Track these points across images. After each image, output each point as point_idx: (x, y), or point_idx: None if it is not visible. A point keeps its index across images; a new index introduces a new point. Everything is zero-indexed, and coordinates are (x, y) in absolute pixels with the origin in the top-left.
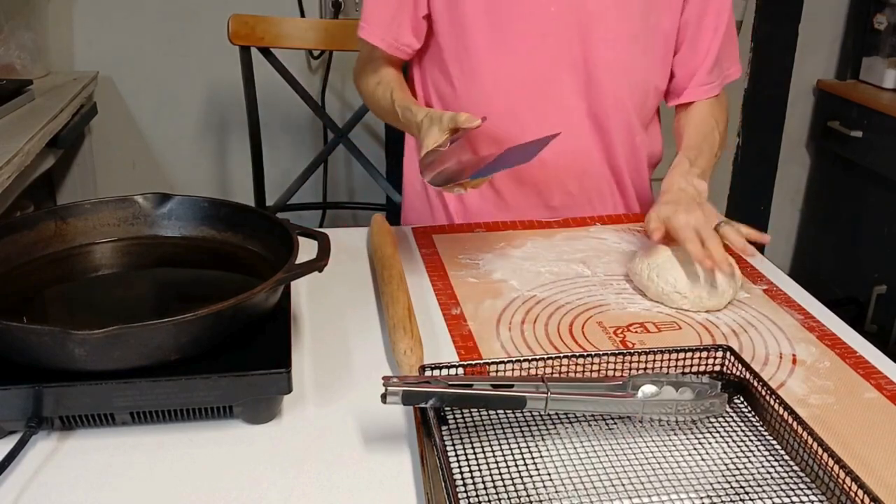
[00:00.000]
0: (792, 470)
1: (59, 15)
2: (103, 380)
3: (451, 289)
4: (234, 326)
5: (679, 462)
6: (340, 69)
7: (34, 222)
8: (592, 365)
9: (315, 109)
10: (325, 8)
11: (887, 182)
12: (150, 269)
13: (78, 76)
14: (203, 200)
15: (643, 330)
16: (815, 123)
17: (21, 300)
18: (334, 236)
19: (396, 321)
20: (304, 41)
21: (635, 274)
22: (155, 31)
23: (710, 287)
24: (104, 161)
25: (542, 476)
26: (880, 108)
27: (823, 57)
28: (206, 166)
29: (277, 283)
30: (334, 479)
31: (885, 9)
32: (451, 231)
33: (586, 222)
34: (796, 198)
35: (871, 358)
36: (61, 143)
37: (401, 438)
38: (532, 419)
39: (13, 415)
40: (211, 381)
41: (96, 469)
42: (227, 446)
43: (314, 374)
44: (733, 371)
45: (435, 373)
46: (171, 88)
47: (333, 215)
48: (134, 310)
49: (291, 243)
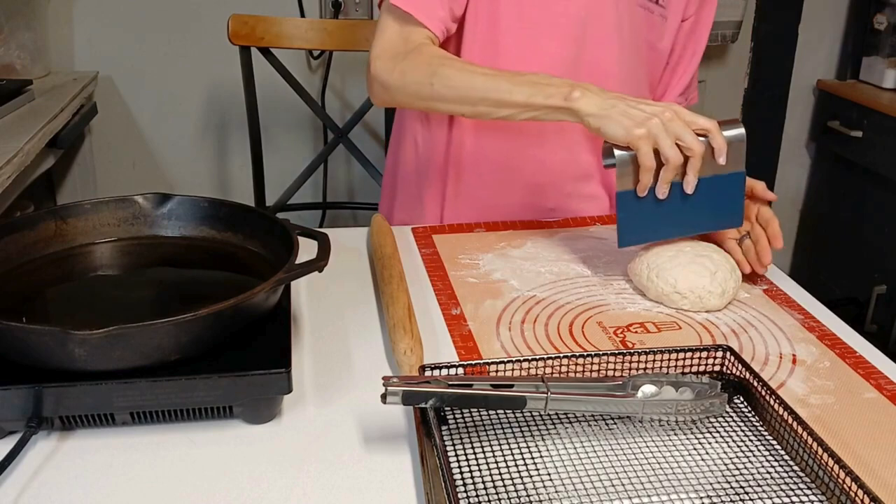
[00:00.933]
0: (792, 470)
1: (59, 15)
2: (103, 380)
3: (451, 289)
4: (234, 326)
5: (679, 462)
6: (340, 69)
7: (34, 222)
8: (592, 365)
9: (315, 109)
10: (325, 8)
11: (887, 182)
12: (150, 269)
13: (78, 76)
14: (203, 200)
15: (643, 330)
16: (815, 123)
17: (21, 300)
18: (334, 236)
19: (396, 321)
20: (304, 41)
21: (635, 274)
22: (155, 31)
23: (711, 287)
24: (104, 161)
25: (542, 476)
26: (880, 108)
27: (823, 57)
28: (206, 166)
29: (277, 283)
30: (334, 479)
31: (885, 9)
32: (451, 231)
33: (586, 222)
34: (796, 198)
35: (871, 358)
36: (61, 143)
37: (401, 438)
38: (532, 419)
39: (13, 415)
40: (211, 381)
41: (96, 469)
42: (227, 446)
43: (314, 374)
44: (733, 371)
45: (435, 373)
46: (171, 88)
47: (333, 215)
48: (134, 310)
49: (291, 243)
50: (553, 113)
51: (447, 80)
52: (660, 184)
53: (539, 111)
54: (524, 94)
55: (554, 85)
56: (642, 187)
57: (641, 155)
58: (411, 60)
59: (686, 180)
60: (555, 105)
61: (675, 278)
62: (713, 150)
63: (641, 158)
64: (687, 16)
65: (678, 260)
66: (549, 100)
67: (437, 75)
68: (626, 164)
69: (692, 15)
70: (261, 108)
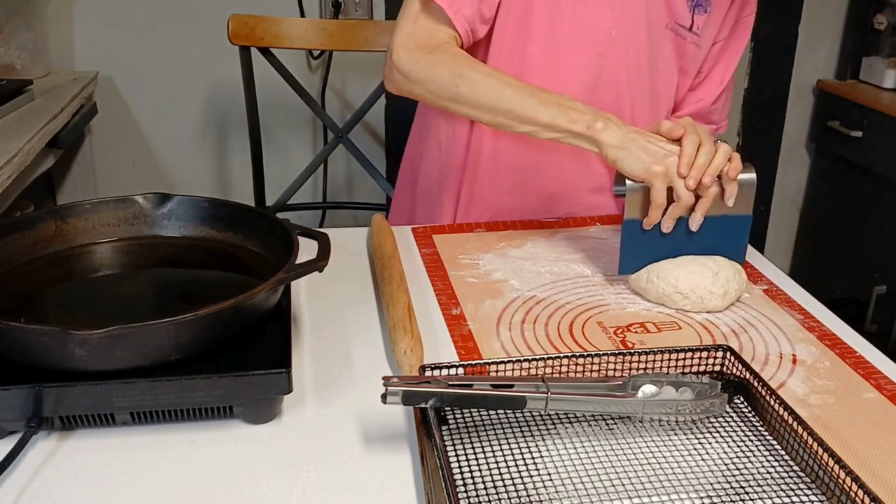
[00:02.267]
0: (792, 470)
1: (59, 15)
2: (103, 380)
3: (451, 289)
4: (234, 326)
5: (679, 462)
6: (340, 69)
7: (34, 222)
8: (592, 365)
9: (315, 109)
10: (325, 8)
11: (887, 182)
12: (150, 269)
13: (78, 76)
14: (203, 200)
15: (643, 330)
16: (815, 123)
17: (21, 300)
18: (334, 236)
19: (396, 321)
20: (304, 41)
21: (633, 279)
22: (155, 31)
23: (713, 288)
24: (104, 161)
25: (542, 476)
26: (880, 108)
27: (823, 57)
28: (206, 166)
29: (277, 283)
30: (334, 479)
31: (885, 9)
32: (451, 231)
33: (586, 222)
34: (796, 198)
35: (871, 358)
36: (61, 143)
37: (401, 438)
38: (532, 419)
39: (13, 415)
40: (211, 381)
41: (96, 469)
42: (227, 446)
43: (314, 374)
44: (733, 371)
45: (435, 373)
46: (171, 88)
47: (333, 215)
48: (134, 310)
49: (291, 243)
50: (573, 138)
51: (473, 84)
52: (666, 218)
53: (560, 133)
54: (549, 114)
55: (579, 111)
56: (649, 223)
57: (654, 191)
58: (438, 56)
59: (693, 217)
60: (577, 131)
61: (677, 279)
62: (723, 190)
63: (654, 195)
64: (718, 40)
65: (679, 261)
66: (573, 125)
67: (463, 77)
68: (636, 195)
69: (722, 40)
70: (261, 108)
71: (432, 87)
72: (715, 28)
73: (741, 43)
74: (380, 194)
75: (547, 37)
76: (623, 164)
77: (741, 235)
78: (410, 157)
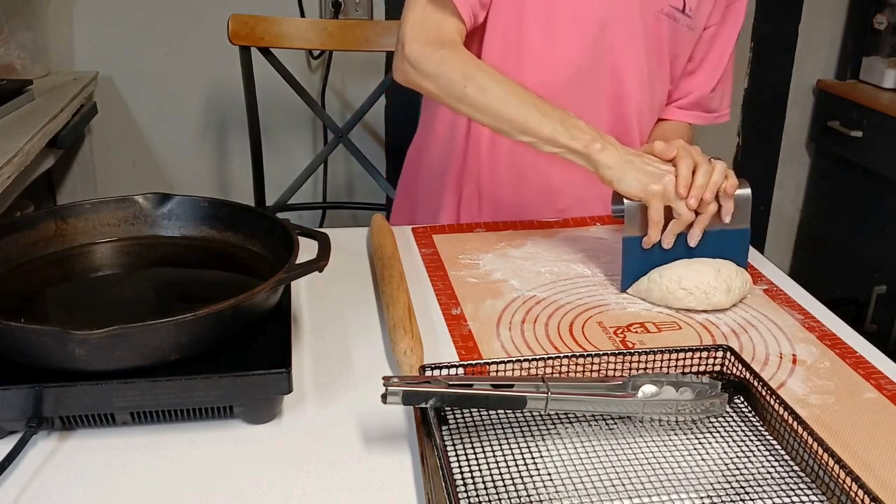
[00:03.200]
0: (792, 470)
1: (59, 15)
2: (103, 380)
3: (451, 289)
4: (234, 326)
5: (679, 462)
6: (340, 69)
7: (34, 222)
8: (592, 365)
9: (315, 109)
10: (325, 8)
11: (887, 182)
12: (150, 269)
13: (78, 76)
14: (203, 200)
15: (643, 330)
16: (815, 123)
17: (21, 300)
18: (334, 236)
19: (396, 321)
20: (304, 41)
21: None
22: (155, 31)
23: (716, 283)
24: (104, 161)
25: (542, 476)
26: (880, 108)
27: (823, 57)
28: (206, 166)
29: (277, 283)
30: (334, 479)
31: (885, 9)
32: (451, 231)
33: (586, 222)
34: (796, 198)
35: (871, 358)
36: (61, 143)
37: (401, 438)
38: (532, 419)
39: (13, 415)
40: (211, 381)
41: (96, 469)
42: (227, 446)
43: (314, 374)
44: (733, 371)
45: (435, 373)
46: (171, 88)
47: (333, 215)
48: (134, 310)
49: (291, 243)
50: (571, 154)
51: (481, 88)
52: (667, 234)
53: (559, 149)
54: (550, 128)
55: (580, 129)
56: (648, 242)
57: (652, 210)
58: (450, 53)
59: (691, 233)
60: (574, 148)
61: (680, 276)
62: (720, 207)
63: (651, 214)
64: (709, 24)
65: (681, 261)
66: (572, 142)
67: (472, 79)
68: (634, 213)
69: (714, 24)
70: (261, 108)
71: (442, 83)
72: (707, 10)
73: (734, 29)
74: (380, 194)
75: (542, 21)
76: (620, 185)
77: (741, 248)
78: (414, 151)
